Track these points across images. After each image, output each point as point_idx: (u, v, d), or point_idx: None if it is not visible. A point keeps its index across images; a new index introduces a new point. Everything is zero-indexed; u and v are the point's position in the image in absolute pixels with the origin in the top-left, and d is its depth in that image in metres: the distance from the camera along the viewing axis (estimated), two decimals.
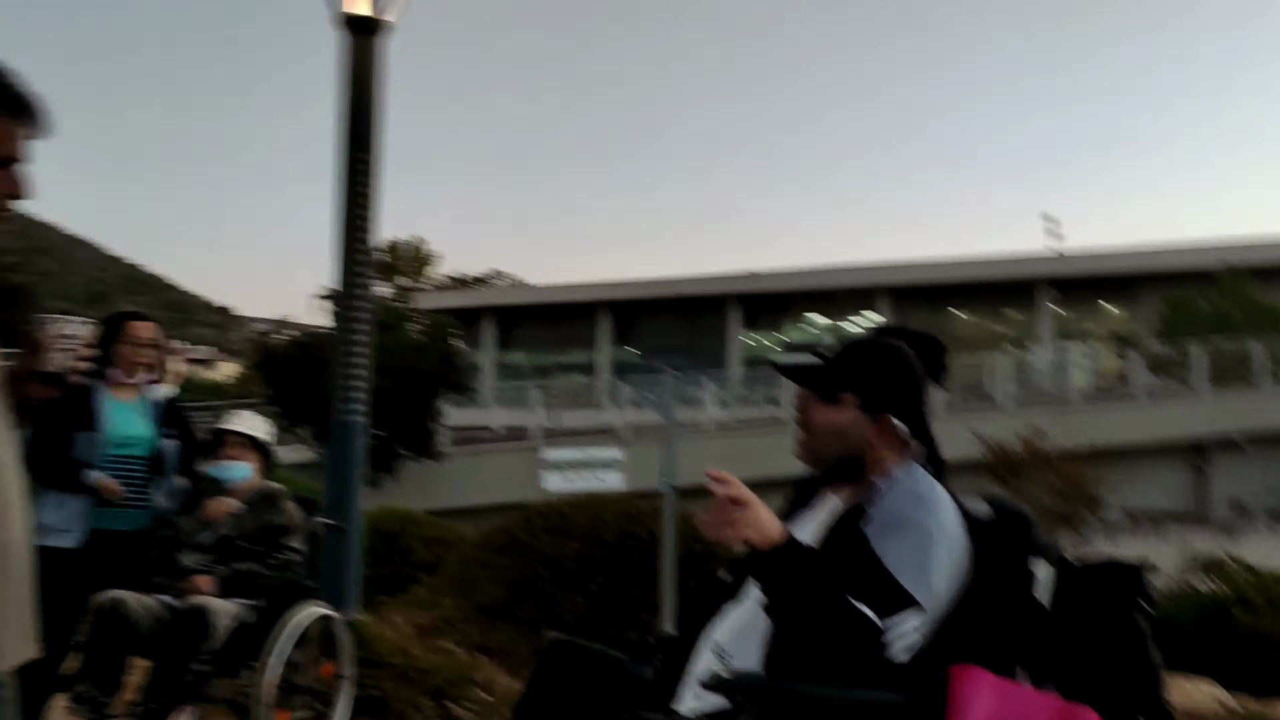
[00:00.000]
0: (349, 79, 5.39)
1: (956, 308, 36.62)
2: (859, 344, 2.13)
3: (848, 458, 2.04)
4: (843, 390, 2.04)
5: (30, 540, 1.78)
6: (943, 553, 1.86)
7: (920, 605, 1.81)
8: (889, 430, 2.02)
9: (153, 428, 4.21)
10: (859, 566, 1.85)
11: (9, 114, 1.66)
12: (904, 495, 1.95)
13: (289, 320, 29.48)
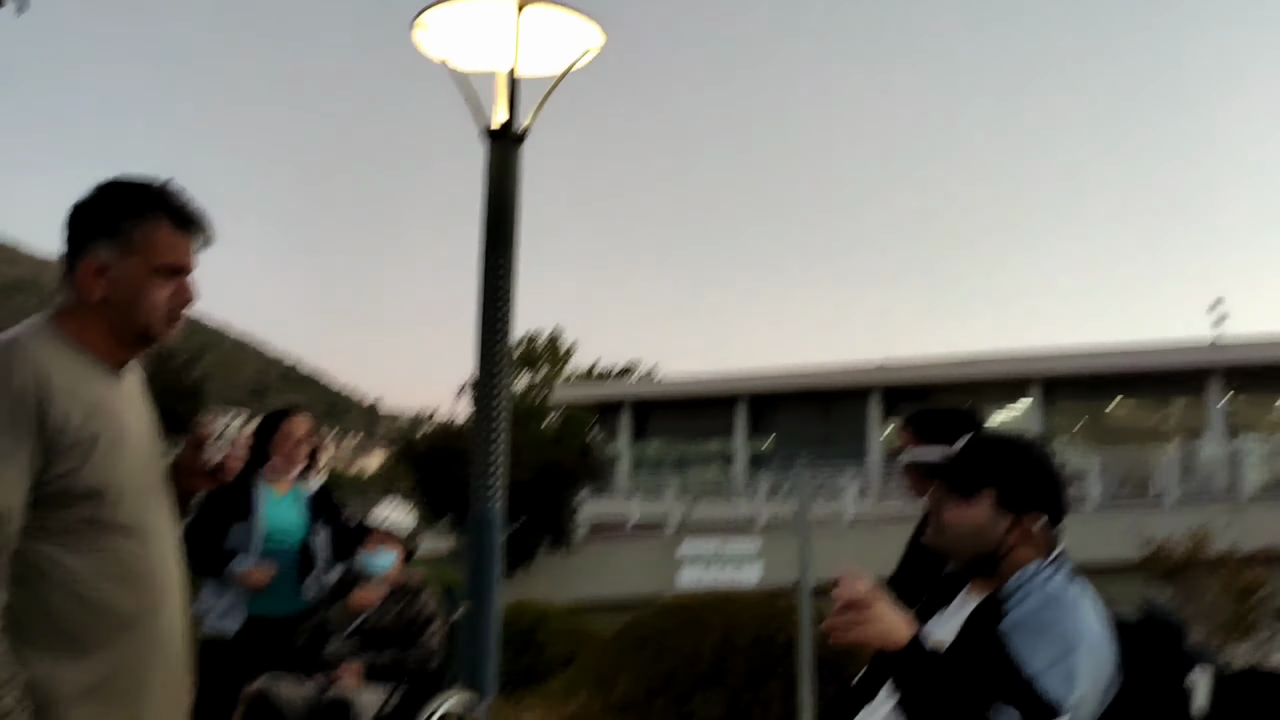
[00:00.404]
0: (491, 186, 5.65)
1: (1115, 400, 35.03)
2: (992, 440, 2.07)
3: (983, 555, 1.96)
4: (979, 487, 1.97)
5: (187, 627, 1.90)
6: (1085, 658, 1.78)
7: (1064, 712, 1.72)
8: (1029, 529, 1.95)
9: (305, 518, 4.39)
10: (996, 669, 1.78)
11: (181, 228, 1.83)
12: (1044, 596, 1.87)
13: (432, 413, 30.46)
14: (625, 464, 40.27)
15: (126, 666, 1.73)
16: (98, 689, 1.68)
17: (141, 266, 1.79)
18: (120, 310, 1.80)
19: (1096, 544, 16.96)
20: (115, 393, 1.83)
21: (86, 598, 1.69)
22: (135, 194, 1.82)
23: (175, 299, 1.84)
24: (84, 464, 1.70)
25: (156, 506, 1.85)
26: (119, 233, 1.79)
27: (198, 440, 1.93)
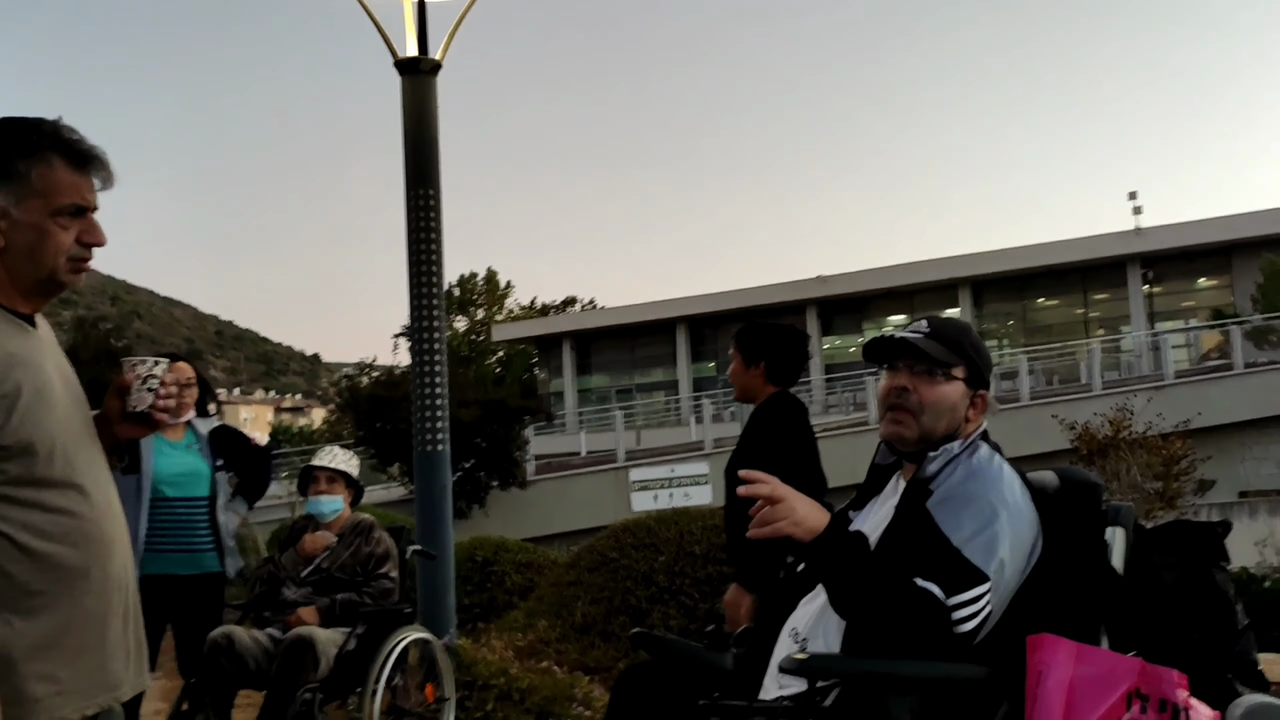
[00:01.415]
0: (409, 120, 5.57)
1: (1042, 295, 35.81)
2: (950, 321, 2.16)
3: (948, 435, 2.03)
4: (954, 364, 2.04)
5: (134, 576, 1.89)
6: (1007, 525, 1.87)
7: (988, 578, 1.82)
8: (983, 406, 2.06)
9: (206, 462, 4.25)
10: (925, 544, 1.87)
11: (79, 166, 1.77)
12: (969, 470, 1.96)
13: (373, 363, 30.21)
14: (571, 398, 40.36)
15: (83, 618, 1.73)
16: (56, 643, 1.68)
17: (41, 209, 1.73)
18: (22, 257, 1.74)
19: (1029, 438, 17.53)
20: (32, 343, 1.78)
21: (34, 553, 1.67)
22: (26, 132, 1.75)
23: (81, 241, 1.78)
24: (9, 419, 1.67)
25: (91, 458, 1.83)
26: (13, 175, 1.72)
27: (123, 386, 1.90)
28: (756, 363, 3.64)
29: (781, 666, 1.88)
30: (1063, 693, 1.65)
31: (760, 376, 3.64)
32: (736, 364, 3.67)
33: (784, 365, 3.67)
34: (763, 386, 3.66)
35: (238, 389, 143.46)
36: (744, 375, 3.67)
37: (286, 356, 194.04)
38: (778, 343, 3.68)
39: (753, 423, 3.67)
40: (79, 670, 1.71)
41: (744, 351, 3.67)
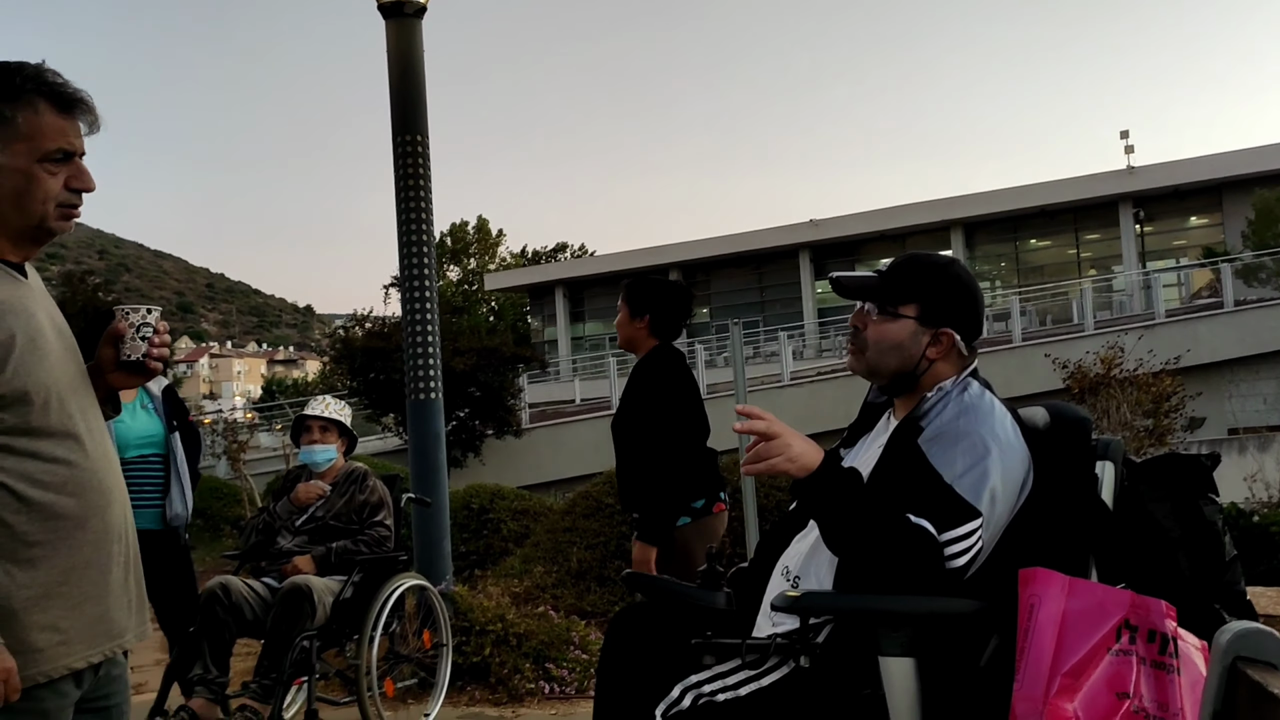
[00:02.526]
0: (394, 64, 5.49)
1: (1034, 236, 35.75)
2: (917, 259, 2.12)
3: (903, 372, 2.04)
4: (902, 303, 2.04)
5: (132, 526, 1.89)
6: (999, 460, 1.87)
7: (979, 514, 1.82)
8: (948, 344, 2.03)
9: (159, 422, 4.20)
10: (916, 480, 1.87)
11: (64, 110, 1.74)
12: (960, 406, 1.96)
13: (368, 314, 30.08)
14: (564, 346, 40.36)
15: (83, 568, 1.72)
16: (56, 593, 1.68)
17: (27, 154, 1.70)
18: (9, 204, 1.71)
19: (1021, 378, 17.60)
20: (23, 292, 1.76)
21: (32, 503, 1.67)
22: (9, 76, 1.71)
23: (69, 186, 1.76)
24: (3, 368, 1.65)
25: (86, 408, 1.81)
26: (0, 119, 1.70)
27: (116, 335, 1.88)
28: (642, 315, 3.73)
29: (774, 604, 1.89)
30: (1055, 625, 1.66)
31: (645, 329, 3.74)
32: (623, 315, 3.77)
33: (668, 319, 3.76)
34: (646, 339, 3.75)
35: (230, 342, 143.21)
36: (629, 326, 3.76)
37: (279, 309, 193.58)
38: (664, 297, 3.77)
39: (636, 375, 3.76)
40: (81, 619, 1.72)
41: (631, 303, 3.76)
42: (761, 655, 1.91)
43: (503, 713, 4.66)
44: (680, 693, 1.88)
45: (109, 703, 1.84)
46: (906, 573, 1.78)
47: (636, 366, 3.77)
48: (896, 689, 1.75)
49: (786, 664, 1.89)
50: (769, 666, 1.90)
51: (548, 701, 4.82)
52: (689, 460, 3.62)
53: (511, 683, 4.89)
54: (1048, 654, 1.64)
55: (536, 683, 4.93)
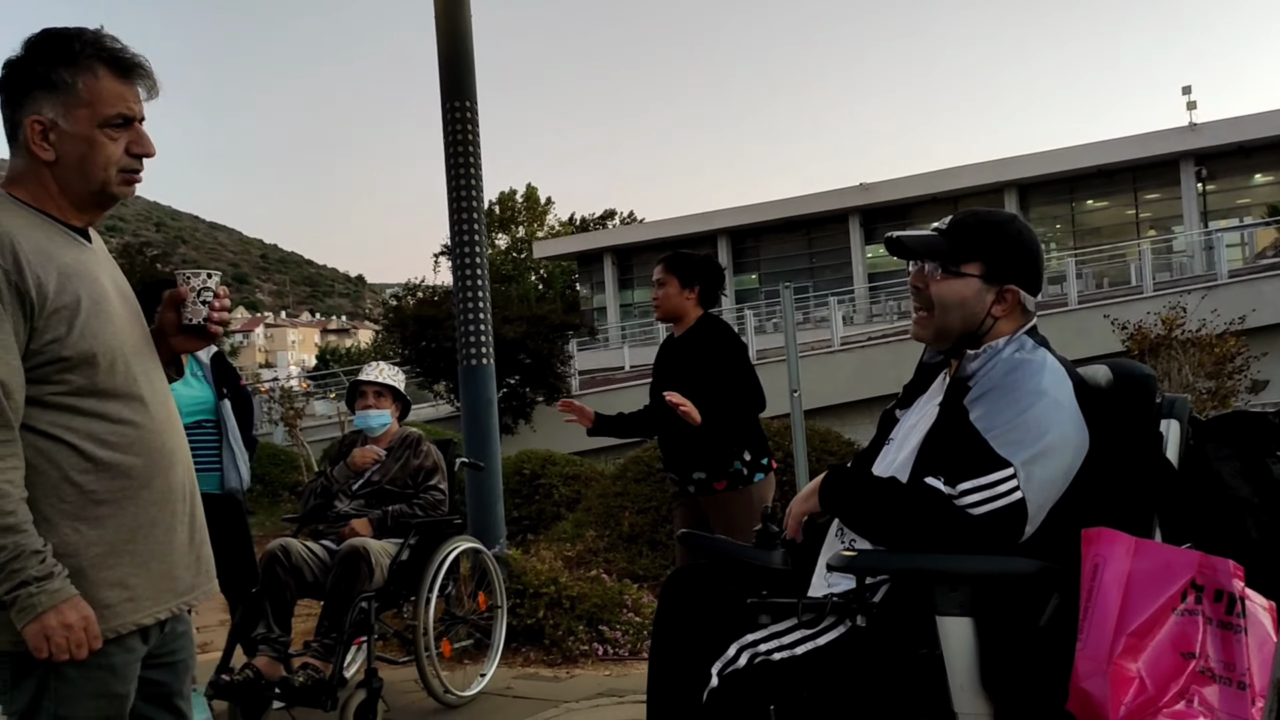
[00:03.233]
0: (442, 30, 5.48)
1: (1091, 196, 34.97)
2: (979, 215, 2.07)
3: (968, 331, 2.00)
4: (966, 260, 2.00)
5: (195, 486, 1.93)
6: (1045, 415, 1.83)
7: (1009, 464, 1.80)
8: (1013, 301, 1.99)
9: (209, 388, 4.26)
10: (957, 439, 1.87)
11: (123, 75, 1.76)
12: (1009, 362, 1.93)
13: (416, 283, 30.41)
14: (613, 313, 40.42)
15: (148, 526, 1.77)
16: (124, 550, 1.72)
17: (88, 120, 1.73)
18: (72, 169, 1.74)
19: (1078, 341, 17.28)
20: (87, 255, 1.80)
21: (99, 462, 1.71)
22: (68, 42, 1.74)
23: (130, 152, 1.78)
24: (70, 330, 1.69)
25: (149, 370, 1.85)
26: (59, 85, 1.71)
27: (178, 299, 1.91)
28: (692, 286, 3.98)
29: (830, 564, 1.88)
30: (1120, 585, 1.64)
31: (694, 299, 3.99)
32: (673, 286, 3.98)
33: (713, 290, 4.03)
34: (693, 309, 4.00)
35: (284, 312, 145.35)
36: (679, 297, 3.98)
37: (331, 278, 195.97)
38: (709, 270, 4.03)
39: (693, 343, 3.98)
40: (148, 577, 1.76)
41: (681, 275, 3.98)
42: (817, 615, 1.91)
43: (557, 674, 4.72)
44: (736, 651, 1.88)
45: (174, 659, 1.89)
46: (924, 531, 1.81)
47: (694, 333, 3.96)
48: (954, 648, 1.74)
49: (843, 623, 1.89)
50: (825, 626, 1.90)
51: (601, 663, 4.87)
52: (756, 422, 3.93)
53: (565, 644, 4.95)
54: (1112, 614, 1.62)
55: (590, 645, 4.98)
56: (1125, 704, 1.56)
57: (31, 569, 1.59)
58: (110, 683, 1.72)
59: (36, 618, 1.60)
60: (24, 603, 1.59)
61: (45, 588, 1.60)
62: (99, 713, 1.71)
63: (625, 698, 4.21)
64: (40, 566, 1.60)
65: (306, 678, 3.72)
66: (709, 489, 3.87)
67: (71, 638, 1.62)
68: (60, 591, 1.61)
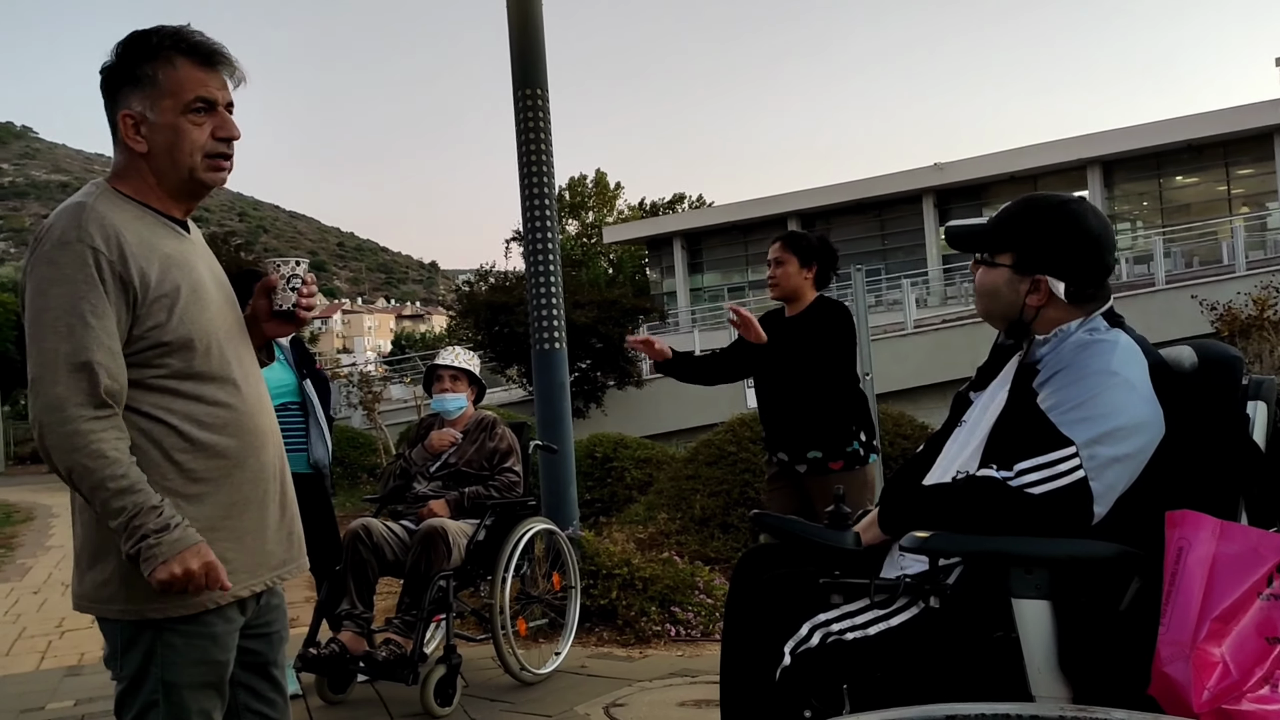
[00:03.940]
0: (513, 18, 5.53)
1: (1180, 173, 33.85)
2: (1026, 202, 2.07)
3: (1011, 319, 2.03)
4: (1000, 250, 2.03)
5: (286, 466, 2.00)
6: (1111, 394, 1.81)
7: (1070, 442, 1.78)
8: (1046, 291, 1.98)
9: (292, 372, 4.44)
10: (1023, 421, 1.86)
11: (203, 63, 1.83)
12: (1076, 343, 1.92)
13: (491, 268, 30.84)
14: (683, 297, 40.36)
15: (243, 504, 1.85)
16: (222, 526, 1.81)
17: (173, 109, 1.80)
18: (163, 158, 1.82)
19: (1165, 322, 16.79)
20: (185, 245, 1.88)
21: (197, 443, 1.79)
22: (147, 38, 1.82)
23: (216, 136, 1.84)
24: (170, 317, 1.77)
25: (242, 354, 1.93)
26: (143, 80, 1.79)
27: (268, 286, 1.98)
28: (810, 265, 4.03)
29: (902, 546, 1.88)
30: (1204, 569, 1.61)
31: (811, 279, 4.05)
32: (791, 265, 4.04)
33: (828, 271, 4.10)
34: (809, 289, 4.05)
35: (360, 299, 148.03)
36: (798, 276, 4.03)
37: (405, 265, 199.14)
38: (826, 250, 4.09)
39: (812, 323, 4.00)
40: (244, 552, 1.84)
41: (800, 254, 4.03)
42: (890, 595, 1.91)
43: (630, 654, 4.77)
44: (809, 631, 1.89)
45: (270, 630, 1.97)
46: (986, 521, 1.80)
47: (814, 314, 4.00)
48: (1031, 632, 1.73)
49: (916, 605, 1.89)
50: (898, 607, 1.89)
51: (673, 644, 4.91)
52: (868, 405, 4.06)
53: (638, 625, 5.00)
54: (1196, 598, 1.59)
55: (662, 625, 5.02)
56: (1208, 688, 1.53)
57: (150, 523, 1.67)
58: (211, 650, 1.80)
59: (166, 565, 1.67)
60: (146, 554, 1.67)
61: (164, 539, 1.67)
62: (201, 678, 1.80)
63: (698, 678, 4.25)
64: (158, 520, 1.67)
65: (389, 653, 3.83)
66: (824, 469, 3.87)
67: (193, 584, 1.69)
68: (180, 540, 1.69)
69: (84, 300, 1.68)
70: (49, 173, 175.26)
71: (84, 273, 1.69)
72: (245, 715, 1.94)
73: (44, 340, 1.68)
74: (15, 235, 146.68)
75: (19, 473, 24.40)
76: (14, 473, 24.76)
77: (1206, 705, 1.54)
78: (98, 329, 1.69)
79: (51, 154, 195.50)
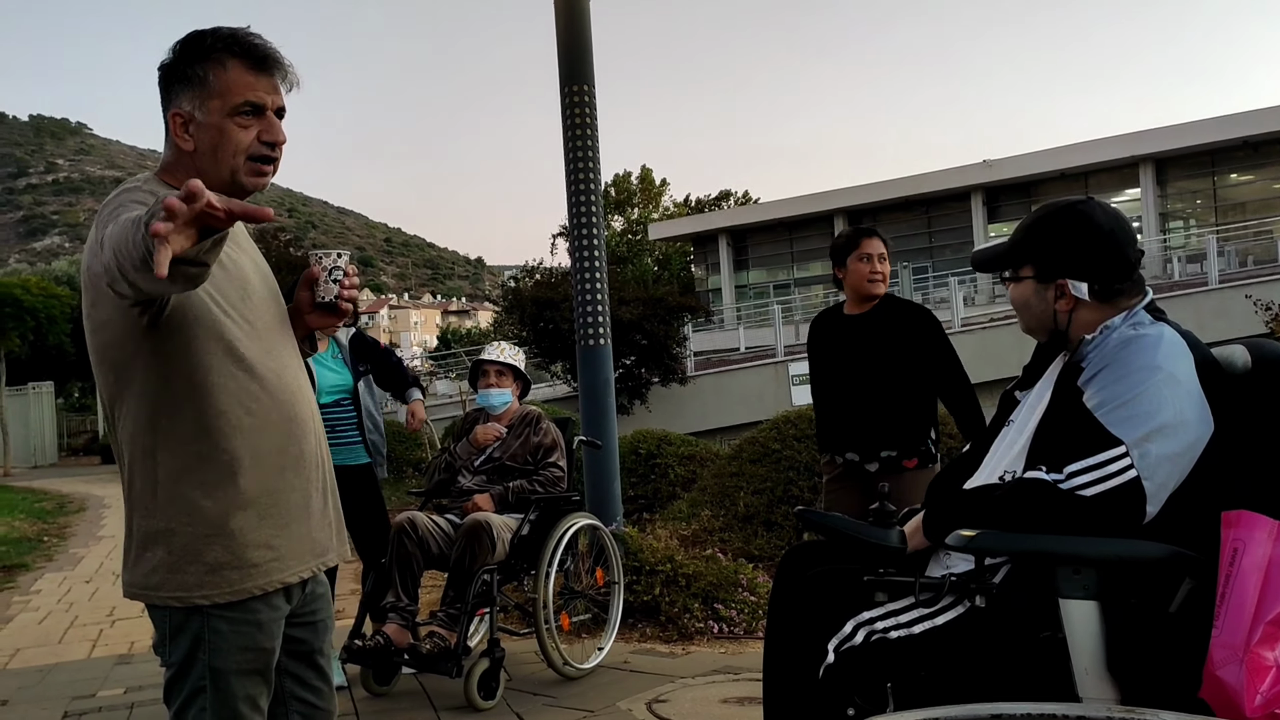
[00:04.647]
0: (560, 15, 5.56)
1: (1235, 170, 33.13)
2: (1036, 214, 2.09)
3: (1049, 329, 2.03)
4: (1021, 264, 2.05)
5: (328, 456, 2.03)
6: (1156, 389, 1.78)
7: (1119, 442, 1.76)
8: (1070, 294, 1.98)
9: (347, 369, 4.56)
10: (1070, 421, 1.84)
11: (255, 66, 1.85)
12: (1119, 340, 1.90)
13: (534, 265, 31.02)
14: (728, 295, 40.26)
15: (288, 492, 1.88)
16: (268, 514, 1.84)
17: (220, 110, 1.82)
18: (208, 158, 1.84)
19: (1218, 322, 16.46)
20: (230, 239, 1.91)
21: (244, 431, 1.82)
22: (200, 39, 1.85)
23: (262, 139, 1.86)
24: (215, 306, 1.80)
25: (284, 345, 1.96)
26: (194, 79, 1.82)
27: (311, 278, 2.01)
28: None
29: (948, 544, 1.87)
30: (1260, 571, 1.57)
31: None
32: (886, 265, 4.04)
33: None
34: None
35: (407, 294, 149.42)
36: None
37: (451, 261, 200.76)
38: None
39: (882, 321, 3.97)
40: (289, 539, 1.87)
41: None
42: (935, 594, 1.89)
43: (673, 650, 4.78)
44: (853, 628, 1.88)
45: (315, 618, 2.00)
46: (1036, 525, 1.78)
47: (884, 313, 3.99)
48: (1078, 632, 1.71)
49: (961, 604, 1.87)
50: (943, 606, 1.88)
51: (716, 641, 4.91)
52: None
53: (681, 621, 5.00)
54: (1251, 600, 1.56)
55: (705, 622, 5.02)
56: (1261, 693, 1.50)
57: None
58: (258, 637, 1.83)
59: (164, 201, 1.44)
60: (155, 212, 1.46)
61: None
62: (248, 665, 1.83)
63: (740, 675, 4.24)
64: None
65: (433, 646, 3.87)
66: (897, 466, 3.85)
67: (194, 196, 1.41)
68: None
69: (140, 205, 1.68)
70: (103, 168, 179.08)
71: (140, 199, 1.72)
72: (292, 703, 1.98)
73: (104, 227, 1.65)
74: (70, 230, 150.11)
75: (72, 464, 24.99)
76: (67, 464, 25.35)
77: (1260, 710, 1.51)
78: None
79: (105, 150, 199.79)
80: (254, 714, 1.85)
